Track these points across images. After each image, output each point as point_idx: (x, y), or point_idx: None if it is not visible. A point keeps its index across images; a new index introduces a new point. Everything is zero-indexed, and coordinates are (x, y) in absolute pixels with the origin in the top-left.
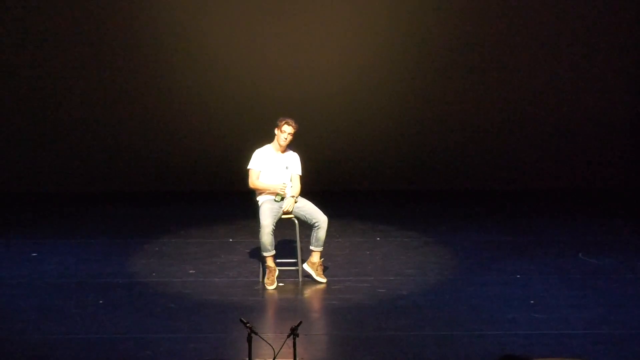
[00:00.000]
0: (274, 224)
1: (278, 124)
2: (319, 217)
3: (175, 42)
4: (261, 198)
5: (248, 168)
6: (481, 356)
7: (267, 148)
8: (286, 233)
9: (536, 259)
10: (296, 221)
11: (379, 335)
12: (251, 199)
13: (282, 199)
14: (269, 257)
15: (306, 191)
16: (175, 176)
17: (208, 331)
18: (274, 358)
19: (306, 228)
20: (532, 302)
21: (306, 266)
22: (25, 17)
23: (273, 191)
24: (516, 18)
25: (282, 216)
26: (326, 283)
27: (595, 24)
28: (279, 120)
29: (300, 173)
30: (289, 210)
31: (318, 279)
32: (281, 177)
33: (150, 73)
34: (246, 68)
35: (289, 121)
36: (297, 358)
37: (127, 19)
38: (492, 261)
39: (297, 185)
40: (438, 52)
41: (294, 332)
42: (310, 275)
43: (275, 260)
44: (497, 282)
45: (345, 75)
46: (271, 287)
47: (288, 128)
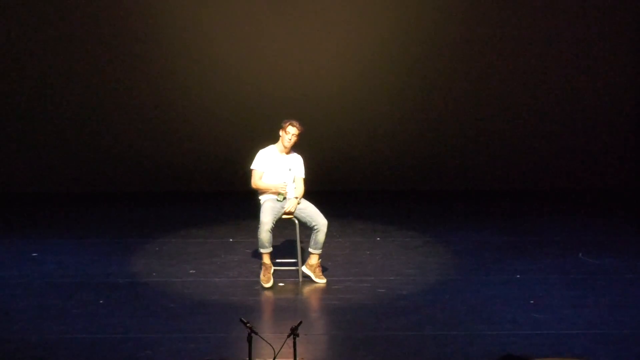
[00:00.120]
0: (274, 222)
1: (282, 126)
2: (319, 221)
3: (177, 43)
4: (263, 197)
5: (251, 168)
6: (481, 356)
7: (271, 149)
8: (286, 233)
9: (536, 259)
10: (297, 222)
11: (379, 335)
12: (251, 199)
13: (284, 199)
14: (266, 255)
15: (306, 191)
16: (175, 176)
17: (208, 331)
18: (274, 358)
19: (306, 229)
20: (532, 302)
21: (305, 268)
22: (25, 18)
23: (275, 191)
24: (516, 18)
25: (284, 216)
26: (326, 283)
27: (595, 24)
28: (284, 122)
29: (303, 176)
30: (292, 210)
31: (317, 281)
32: (284, 179)
33: (150, 73)
34: (246, 68)
35: (294, 122)
36: (297, 358)
37: (128, 19)
38: (492, 261)
39: (301, 187)
40: (438, 53)
41: (294, 332)
42: (309, 276)
43: (272, 258)
44: (497, 282)
45: (345, 75)
46: (267, 285)
47: (292, 129)
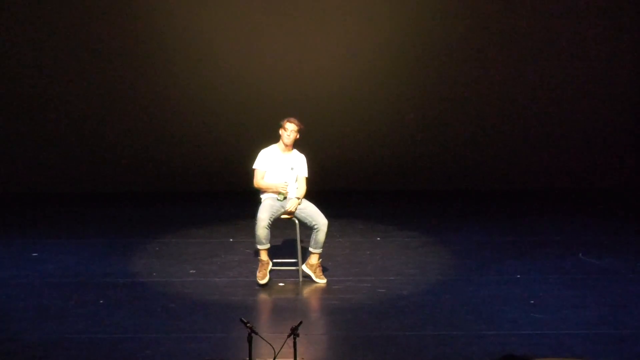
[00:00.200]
0: (271, 219)
1: (281, 124)
2: (319, 220)
3: (177, 43)
4: (264, 196)
5: (253, 168)
6: (481, 356)
7: (273, 148)
8: (286, 233)
9: (536, 259)
10: (297, 222)
11: (379, 335)
12: (252, 199)
13: (285, 198)
14: (263, 251)
15: (307, 191)
16: (175, 176)
17: (208, 331)
18: (275, 358)
19: (307, 229)
20: (533, 302)
21: (305, 267)
22: (25, 18)
23: (275, 190)
24: (515, 19)
25: (284, 216)
26: (326, 283)
27: (595, 24)
28: (282, 120)
29: (306, 175)
30: (292, 210)
31: (318, 281)
32: (286, 178)
33: (150, 73)
34: (247, 68)
35: (292, 119)
36: (298, 358)
37: (128, 20)
38: (492, 261)
39: (303, 187)
40: (438, 53)
41: (295, 332)
42: (309, 276)
43: (271, 256)
44: (497, 282)
45: (345, 75)
46: (262, 282)
47: (290, 126)
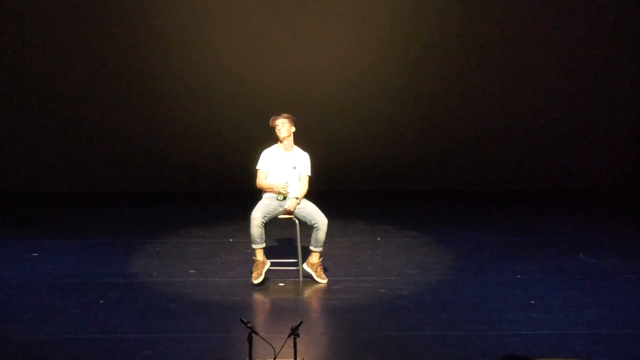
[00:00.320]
0: (265, 218)
1: (270, 124)
2: (319, 219)
3: (177, 43)
4: (265, 195)
5: (257, 168)
6: (481, 356)
7: (275, 148)
8: (286, 233)
9: (536, 259)
10: (297, 221)
11: (379, 335)
12: (252, 199)
13: (285, 198)
14: (258, 250)
15: (308, 191)
16: (175, 176)
17: (208, 331)
18: (275, 358)
19: (307, 228)
20: (533, 302)
21: (306, 266)
22: (25, 18)
23: (276, 190)
24: (515, 19)
25: (284, 216)
26: (326, 283)
27: (595, 24)
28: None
29: (309, 174)
30: (291, 210)
31: (318, 280)
32: (288, 177)
33: (150, 73)
34: (247, 68)
35: (276, 115)
36: (298, 358)
37: (128, 20)
38: (492, 261)
39: (304, 185)
40: (438, 53)
41: (295, 332)
42: (310, 275)
43: (267, 256)
44: (497, 282)
45: (345, 75)
46: (256, 281)
47: (278, 120)
